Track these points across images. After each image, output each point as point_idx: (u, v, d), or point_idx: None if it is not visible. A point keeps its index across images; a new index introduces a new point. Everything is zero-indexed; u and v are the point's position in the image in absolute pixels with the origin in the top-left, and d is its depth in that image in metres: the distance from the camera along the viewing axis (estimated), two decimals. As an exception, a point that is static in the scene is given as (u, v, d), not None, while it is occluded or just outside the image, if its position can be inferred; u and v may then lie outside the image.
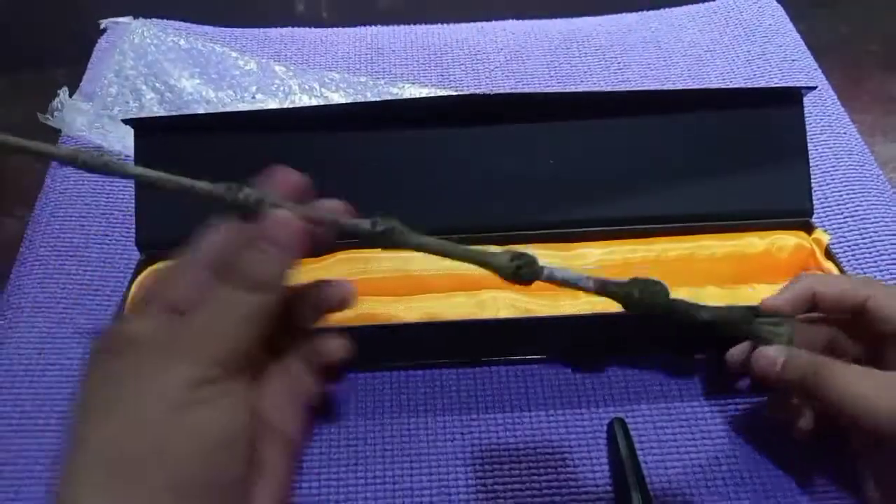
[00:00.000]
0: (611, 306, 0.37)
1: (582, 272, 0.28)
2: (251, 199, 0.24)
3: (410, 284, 0.38)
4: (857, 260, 0.42)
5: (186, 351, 0.21)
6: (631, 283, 0.27)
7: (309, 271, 0.39)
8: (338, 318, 0.37)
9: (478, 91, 0.53)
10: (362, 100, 0.52)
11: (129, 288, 0.38)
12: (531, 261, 0.26)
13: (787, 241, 0.39)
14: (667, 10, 0.61)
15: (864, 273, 0.41)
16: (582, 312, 0.36)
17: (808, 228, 0.40)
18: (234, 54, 0.55)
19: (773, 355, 0.29)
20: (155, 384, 0.20)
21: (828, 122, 0.50)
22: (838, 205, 0.45)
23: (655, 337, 0.38)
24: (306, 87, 0.53)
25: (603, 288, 0.27)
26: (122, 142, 0.49)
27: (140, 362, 0.21)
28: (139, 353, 0.21)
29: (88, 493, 0.19)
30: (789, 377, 0.28)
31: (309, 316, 0.25)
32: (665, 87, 0.53)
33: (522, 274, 0.26)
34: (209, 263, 0.23)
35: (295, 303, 0.25)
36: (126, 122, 0.39)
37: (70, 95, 0.50)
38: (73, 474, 0.20)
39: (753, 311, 0.30)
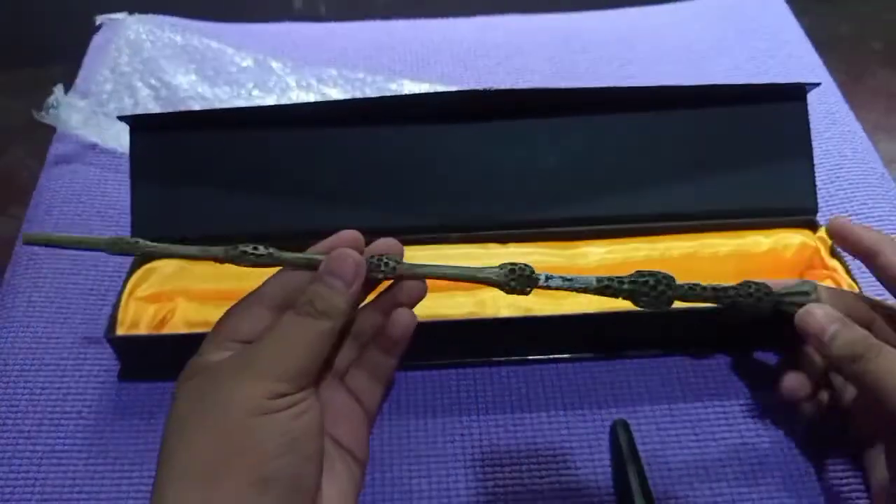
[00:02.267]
0: (613, 305, 0.37)
1: (581, 274, 0.27)
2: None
3: (410, 283, 0.38)
4: (862, 258, 0.42)
5: (258, 370, 0.24)
6: (635, 278, 0.27)
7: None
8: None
9: (478, 87, 0.53)
10: (360, 96, 0.52)
11: (123, 287, 0.37)
12: (524, 270, 0.27)
13: (791, 239, 0.39)
14: (669, 5, 0.61)
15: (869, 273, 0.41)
16: (583, 311, 0.36)
17: (813, 227, 0.39)
18: (230, 50, 0.54)
19: (821, 322, 0.27)
20: (233, 397, 0.23)
21: (832, 119, 0.50)
22: (843, 203, 0.44)
23: (658, 336, 0.37)
24: (304, 83, 0.53)
25: (606, 287, 0.27)
26: (118, 139, 0.49)
27: (219, 382, 0.24)
28: (217, 375, 0.24)
29: (184, 492, 0.22)
30: (836, 352, 0.27)
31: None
32: (668, 84, 0.52)
33: (515, 285, 0.27)
34: (272, 303, 0.26)
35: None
36: (122, 119, 0.38)
37: (65, 92, 0.50)
38: (168, 479, 0.23)
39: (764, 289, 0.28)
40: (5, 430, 0.35)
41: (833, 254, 0.38)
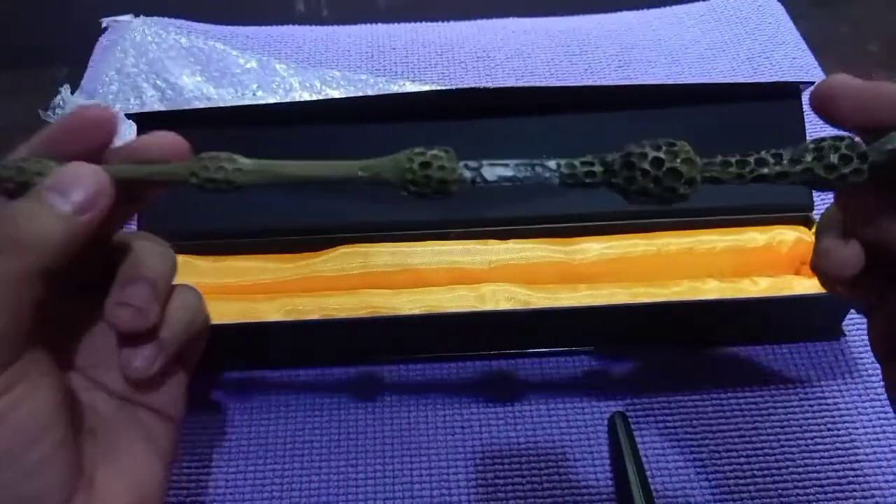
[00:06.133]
0: (613, 298, 0.37)
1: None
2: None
3: (411, 278, 0.38)
4: (857, 255, 0.42)
5: None
6: (626, 157, 0.17)
7: (307, 265, 0.39)
8: (337, 309, 0.37)
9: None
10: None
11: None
12: (428, 160, 0.18)
13: (787, 235, 0.39)
14: (667, 8, 0.61)
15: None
16: (582, 304, 0.36)
17: (809, 223, 0.40)
18: (234, 52, 0.55)
19: None
20: None
21: (828, 118, 0.50)
22: (839, 200, 0.45)
23: (658, 329, 0.38)
24: (307, 84, 0.53)
25: (574, 176, 0.18)
26: (123, 139, 0.49)
27: None
28: None
29: None
30: None
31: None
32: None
33: (414, 188, 0.19)
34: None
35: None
36: (128, 116, 0.39)
37: (71, 93, 0.50)
38: None
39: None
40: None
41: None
